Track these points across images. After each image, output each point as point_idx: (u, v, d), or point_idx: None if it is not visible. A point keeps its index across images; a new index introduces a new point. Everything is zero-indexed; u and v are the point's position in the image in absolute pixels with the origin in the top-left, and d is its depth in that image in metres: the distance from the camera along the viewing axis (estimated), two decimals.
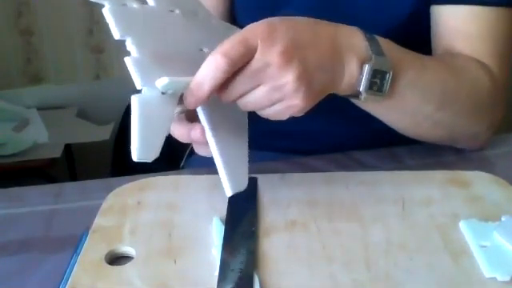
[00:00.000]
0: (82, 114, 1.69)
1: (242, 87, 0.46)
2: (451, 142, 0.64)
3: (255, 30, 0.45)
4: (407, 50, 0.56)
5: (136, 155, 0.42)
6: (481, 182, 0.57)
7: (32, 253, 0.50)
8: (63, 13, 1.65)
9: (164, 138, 0.44)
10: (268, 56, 0.44)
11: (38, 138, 1.50)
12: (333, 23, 0.52)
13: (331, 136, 0.72)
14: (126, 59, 0.44)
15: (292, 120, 0.74)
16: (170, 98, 0.45)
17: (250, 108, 0.48)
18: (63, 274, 0.45)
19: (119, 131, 1.68)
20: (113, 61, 1.70)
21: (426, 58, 0.58)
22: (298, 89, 0.46)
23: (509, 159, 0.65)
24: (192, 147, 0.88)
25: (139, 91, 0.44)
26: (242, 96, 0.47)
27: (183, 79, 0.45)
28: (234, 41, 0.44)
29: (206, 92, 0.45)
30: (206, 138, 0.49)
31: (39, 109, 1.64)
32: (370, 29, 0.68)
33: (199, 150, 0.52)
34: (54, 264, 0.48)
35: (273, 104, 0.47)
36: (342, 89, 0.51)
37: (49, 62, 1.70)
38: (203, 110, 0.49)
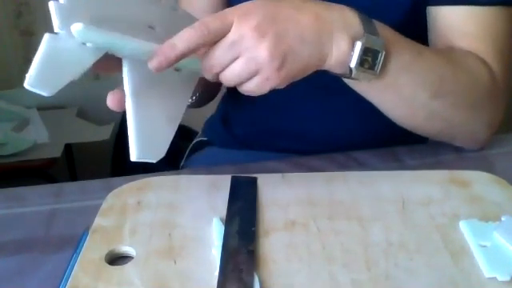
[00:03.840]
0: (82, 114, 1.68)
1: (221, 58, 0.48)
2: (449, 139, 0.64)
3: (237, 7, 0.49)
4: (404, 37, 0.56)
5: (28, 82, 0.42)
6: (481, 182, 0.57)
7: (32, 253, 0.50)
8: None
9: (66, 83, 0.44)
10: (242, 29, 0.47)
11: (38, 138, 1.50)
12: (330, 3, 0.53)
13: (331, 136, 0.72)
14: (50, 3, 0.44)
15: (292, 120, 0.74)
16: (90, 51, 0.45)
17: (232, 82, 0.50)
18: (63, 273, 0.45)
19: (119, 131, 1.68)
20: None
21: (423, 46, 0.58)
22: (273, 59, 0.48)
23: (509, 159, 0.65)
24: (192, 147, 0.88)
25: None
26: (223, 69, 0.49)
27: (108, 34, 0.45)
28: (214, 15, 0.48)
29: (178, 53, 0.47)
30: (121, 107, 0.49)
31: (39, 109, 1.64)
32: None
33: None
34: (54, 264, 0.48)
35: (251, 76, 0.49)
36: (332, 65, 0.52)
37: None
38: (129, 73, 0.48)
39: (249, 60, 0.48)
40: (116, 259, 0.47)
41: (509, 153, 0.66)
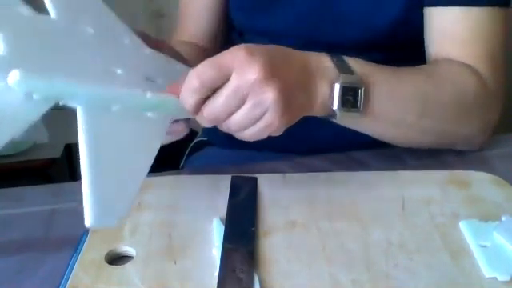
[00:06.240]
0: None
1: (226, 107, 0.47)
2: (446, 146, 0.64)
3: (231, 54, 0.47)
4: (380, 65, 0.56)
5: None
6: (481, 182, 0.57)
7: (32, 253, 0.50)
8: None
9: (6, 141, 0.39)
10: (246, 74, 0.46)
11: (38, 138, 1.50)
12: (302, 51, 0.53)
13: (331, 136, 0.72)
14: None
15: None
16: (36, 103, 0.39)
17: (233, 129, 0.49)
18: (63, 273, 0.45)
19: None
20: None
21: (402, 69, 0.58)
22: (279, 103, 0.47)
23: (509, 159, 0.65)
24: (192, 147, 0.88)
25: None
26: (228, 117, 0.48)
27: (54, 80, 0.40)
28: (207, 64, 0.46)
29: (190, 111, 0.47)
30: None
31: None
32: (362, 30, 0.69)
33: None
34: (54, 264, 0.48)
35: (254, 122, 0.48)
36: (317, 109, 0.52)
37: None
38: (85, 124, 0.41)
39: (255, 105, 0.46)
40: (116, 259, 0.47)
41: (509, 153, 0.66)
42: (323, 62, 0.53)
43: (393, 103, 0.56)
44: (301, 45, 0.54)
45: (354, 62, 0.54)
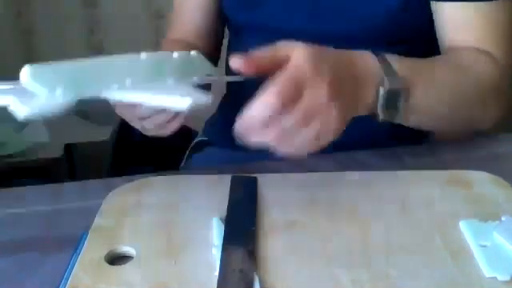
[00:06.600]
0: (82, 114, 1.68)
1: (296, 127, 0.45)
2: (462, 129, 0.68)
3: (300, 68, 0.45)
4: (416, 60, 0.58)
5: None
6: (481, 181, 0.57)
7: (32, 253, 0.50)
8: (63, 13, 1.65)
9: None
10: (318, 96, 0.45)
11: (39, 137, 1.50)
12: (346, 50, 0.52)
13: None
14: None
15: None
16: (60, 97, 0.42)
17: (293, 150, 0.47)
18: (63, 273, 0.45)
19: (119, 131, 1.68)
20: None
21: (434, 64, 0.60)
22: (341, 123, 0.47)
23: (509, 159, 0.65)
24: (192, 147, 0.88)
25: None
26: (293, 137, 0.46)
27: (63, 64, 0.42)
28: (286, 82, 0.44)
29: (257, 128, 0.46)
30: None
31: None
32: (358, 21, 0.69)
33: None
34: (54, 264, 0.48)
35: (316, 136, 0.47)
36: (361, 113, 0.53)
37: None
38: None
39: (322, 125, 0.46)
40: (116, 259, 0.47)
41: (509, 153, 0.66)
42: (371, 62, 0.53)
43: (428, 100, 0.57)
44: (298, 38, 0.54)
45: (395, 62, 0.54)
